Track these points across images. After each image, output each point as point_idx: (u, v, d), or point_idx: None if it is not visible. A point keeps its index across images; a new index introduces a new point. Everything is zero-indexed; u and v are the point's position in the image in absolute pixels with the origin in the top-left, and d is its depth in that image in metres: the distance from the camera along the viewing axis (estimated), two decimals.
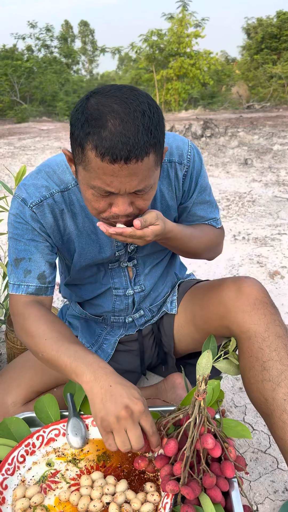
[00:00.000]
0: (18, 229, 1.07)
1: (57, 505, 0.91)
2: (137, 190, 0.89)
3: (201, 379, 0.87)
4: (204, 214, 1.24)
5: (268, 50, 19.67)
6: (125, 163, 0.83)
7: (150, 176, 0.88)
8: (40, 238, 1.08)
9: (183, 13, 17.85)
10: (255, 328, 1.03)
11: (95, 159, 0.84)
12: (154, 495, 0.91)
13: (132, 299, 1.29)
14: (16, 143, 8.62)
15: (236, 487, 0.91)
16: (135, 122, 0.82)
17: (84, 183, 0.91)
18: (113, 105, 0.82)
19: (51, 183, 1.07)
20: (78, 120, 0.85)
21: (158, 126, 0.86)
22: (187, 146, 1.13)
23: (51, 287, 1.13)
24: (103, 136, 0.81)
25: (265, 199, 4.17)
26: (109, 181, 0.86)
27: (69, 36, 27.53)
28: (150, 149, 0.84)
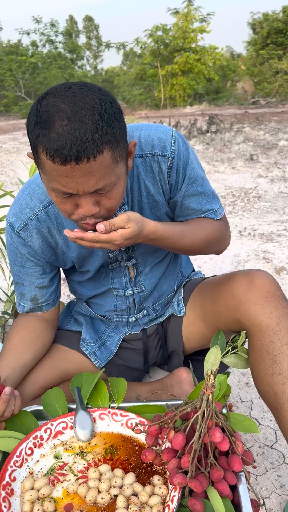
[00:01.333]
0: (10, 254, 1.17)
1: (65, 497, 0.92)
2: (97, 189, 0.86)
3: (210, 373, 0.87)
4: (199, 207, 1.16)
5: (274, 45, 19.51)
6: (76, 163, 0.80)
7: (109, 174, 0.85)
8: (30, 264, 1.16)
9: (189, 8, 17.74)
10: (266, 321, 1.02)
11: (47, 161, 0.82)
12: (161, 488, 0.91)
13: (133, 299, 1.29)
14: (21, 139, 8.63)
15: (243, 481, 0.91)
16: (83, 120, 0.79)
17: (46, 185, 0.90)
18: (60, 105, 0.80)
19: (35, 201, 1.09)
20: (31, 123, 0.84)
21: (112, 122, 0.82)
22: (170, 137, 1.07)
23: (46, 305, 1.24)
24: (51, 137, 0.79)
25: (271, 195, 4.16)
26: (65, 183, 0.83)
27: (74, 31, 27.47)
28: (102, 146, 0.81)
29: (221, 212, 1.22)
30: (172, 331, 1.36)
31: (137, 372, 1.42)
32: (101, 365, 1.30)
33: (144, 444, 1.02)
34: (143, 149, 1.07)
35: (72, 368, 1.27)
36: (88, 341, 1.31)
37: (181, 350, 1.36)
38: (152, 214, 1.15)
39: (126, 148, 0.91)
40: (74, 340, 1.32)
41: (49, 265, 1.19)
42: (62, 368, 1.25)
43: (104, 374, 1.33)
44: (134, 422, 1.05)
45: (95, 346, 1.31)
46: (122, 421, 1.07)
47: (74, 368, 1.27)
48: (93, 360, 1.30)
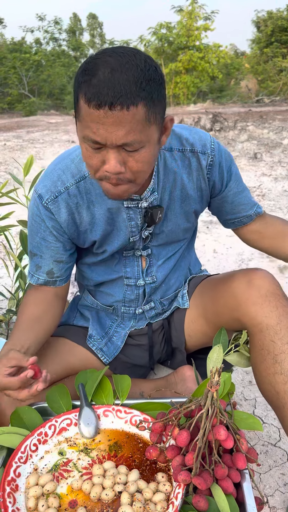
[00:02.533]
0: (33, 225, 1.15)
1: (69, 493, 0.92)
2: (125, 143, 0.87)
3: (214, 371, 0.87)
4: (247, 202, 1.25)
5: (278, 44, 19.41)
6: (110, 109, 0.82)
7: (139, 130, 0.86)
8: (52, 238, 1.15)
9: (193, 5, 17.69)
10: (267, 320, 1.03)
11: (84, 106, 0.86)
12: (165, 485, 0.91)
13: (143, 289, 1.29)
14: (24, 136, 8.63)
15: (247, 478, 0.91)
16: (126, 72, 0.82)
17: (79, 137, 0.93)
18: (107, 58, 0.84)
19: (67, 175, 1.09)
20: (77, 74, 0.89)
21: (152, 82, 0.85)
22: (209, 137, 1.15)
23: (59, 280, 1.22)
24: (92, 83, 0.83)
25: (275, 193, 4.15)
26: (96, 129, 0.86)
27: (78, 29, 27.40)
28: (138, 100, 0.83)
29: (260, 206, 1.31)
30: (175, 327, 1.37)
31: (142, 370, 1.42)
32: (108, 361, 1.31)
33: (148, 441, 1.03)
34: (183, 144, 1.11)
35: (78, 363, 1.28)
36: (95, 337, 1.32)
37: (183, 347, 1.37)
38: (181, 208, 1.18)
39: (162, 117, 0.93)
40: (81, 335, 1.33)
41: (70, 242, 1.19)
42: (67, 362, 1.26)
43: (109, 371, 1.34)
44: (138, 419, 1.05)
45: (101, 342, 1.32)
46: (126, 418, 1.07)
47: (79, 363, 1.28)
48: (100, 356, 1.30)
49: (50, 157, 6.13)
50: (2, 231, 1.58)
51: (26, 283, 1.75)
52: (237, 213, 1.25)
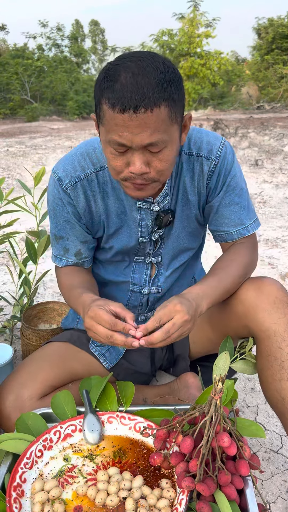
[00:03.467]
0: (55, 209, 1.17)
1: (74, 499, 0.93)
2: (150, 143, 0.90)
3: (218, 379, 0.88)
4: (232, 217, 1.17)
5: (279, 51, 19.54)
6: (134, 113, 0.86)
7: (163, 129, 0.90)
8: (74, 221, 1.17)
9: (194, 13, 17.85)
10: (274, 327, 1.04)
11: (108, 110, 0.89)
12: (169, 491, 0.92)
13: (147, 298, 1.30)
14: (27, 142, 8.67)
15: (250, 485, 0.92)
16: (147, 75, 0.86)
17: (103, 140, 0.96)
18: (128, 63, 0.88)
19: (88, 162, 1.12)
20: (98, 80, 0.92)
21: (172, 83, 0.88)
22: (219, 143, 1.13)
23: (87, 260, 1.26)
24: (115, 88, 0.87)
25: (276, 200, 4.17)
26: (121, 132, 0.89)
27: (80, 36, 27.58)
28: (160, 101, 0.86)
29: (253, 227, 1.21)
30: None
31: (144, 376, 1.43)
32: (110, 366, 1.32)
33: (152, 448, 1.04)
34: (190, 147, 1.12)
35: (81, 368, 1.29)
36: (97, 342, 1.33)
37: (187, 354, 1.38)
38: (182, 212, 1.18)
39: (182, 115, 0.96)
40: (84, 340, 1.34)
41: (86, 228, 1.21)
42: (71, 368, 1.27)
43: (112, 377, 1.35)
44: (142, 425, 1.07)
45: (104, 347, 1.33)
46: (130, 425, 1.08)
47: (82, 368, 1.29)
48: (102, 361, 1.32)
49: (52, 163, 6.17)
50: (7, 237, 1.60)
51: (31, 289, 1.77)
52: (219, 225, 1.19)
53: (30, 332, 1.61)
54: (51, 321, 1.80)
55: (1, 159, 6.65)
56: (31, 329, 1.61)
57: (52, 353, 1.28)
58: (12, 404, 1.16)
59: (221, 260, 1.19)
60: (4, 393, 1.17)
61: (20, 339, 1.71)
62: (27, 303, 1.79)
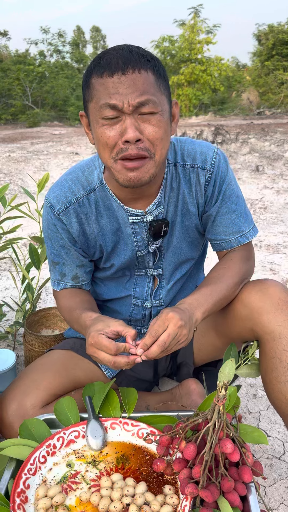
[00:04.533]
0: (50, 235, 1.19)
1: (78, 505, 0.94)
2: (140, 102, 0.92)
3: (221, 385, 0.89)
4: (230, 225, 1.17)
5: (279, 57, 19.62)
6: (123, 74, 0.90)
7: (152, 92, 0.93)
8: (69, 245, 1.18)
9: (195, 19, 17.95)
10: (279, 329, 1.04)
11: (97, 80, 0.93)
12: (173, 497, 0.93)
13: (150, 311, 1.31)
14: (29, 148, 8.70)
15: (253, 491, 0.93)
16: (131, 52, 0.93)
17: (94, 119, 0.98)
18: (117, 48, 0.95)
19: (78, 186, 1.14)
20: (88, 66, 0.97)
21: (157, 61, 0.96)
22: (212, 152, 1.14)
23: (85, 283, 1.27)
24: (102, 60, 0.93)
25: (277, 206, 4.18)
26: (112, 94, 0.91)
27: (81, 42, 27.75)
28: (146, 66, 0.92)
29: (252, 234, 1.21)
30: None
31: (146, 383, 1.43)
32: (111, 375, 1.32)
33: (155, 454, 1.04)
34: (184, 159, 1.13)
35: (84, 376, 1.29)
36: None
37: (191, 361, 1.38)
38: (182, 223, 1.19)
39: (169, 99, 1.01)
40: None
41: (82, 251, 1.22)
42: (74, 376, 1.27)
43: (114, 384, 1.35)
44: (145, 432, 1.07)
45: None
46: (133, 431, 1.08)
47: (85, 376, 1.29)
48: (104, 370, 1.32)
49: (54, 168, 6.19)
50: (11, 243, 1.61)
51: (34, 295, 1.77)
52: (217, 234, 1.19)
53: (33, 338, 1.61)
54: (54, 327, 1.80)
55: (3, 164, 6.67)
56: (33, 335, 1.61)
57: (55, 361, 1.28)
58: (15, 413, 1.16)
59: (215, 269, 1.19)
60: (6, 402, 1.18)
61: (23, 345, 1.71)
62: (29, 309, 1.80)
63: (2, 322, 2.05)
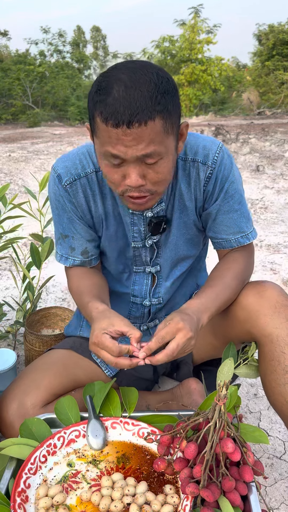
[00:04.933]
0: (58, 207, 1.16)
1: (78, 504, 0.94)
2: (145, 154, 0.88)
3: (222, 385, 0.89)
4: (232, 225, 1.15)
5: (280, 57, 19.60)
6: (128, 128, 0.85)
7: (158, 141, 0.88)
8: (77, 218, 1.16)
9: (195, 19, 17.94)
10: (277, 332, 1.04)
11: (101, 124, 0.88)
12: (173, 497, 0.93)
13: (149, 309, 1.30)
14: (29, 148, 8.70)
15: (254, 491, 0.93)
16: (139, 88, 0.84)
17: (98, 153, 0.95)
18: (120, 75, 0.87)
19: (89, 161, 1.12)
20: (91, 92, 0.91)
21: (167, 95, 0.87)
22: (216, 148, 1.09)
23: (94, 258, 1.24)
24: (107, 102, 0.85)
25: (277, 206, 4.18)
26: (115, 145, 0.88)
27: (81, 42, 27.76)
28: (155, 114, 0.85)
29: (253, 236, 1.20)
30: None
31: (147, 382, 1.43)
32: (111, 374, 1.32)
33: (156, 453, 1.04)
34: (186, 153, 1.10)
35: (84, 376, 1.29)
36: None
37: (190, 359, 1.38)
38: (180, 219, 1.16)
39: (178, 126, 0.95)
40: (87, 347, 1.34)
41: (89, 227, 1.20)
42: (74, 375, 1.27)
43: (115, 383, 1.35)
44: (145, 431, 1.07)
45: None
46: (134, 430, 1.08)
47: (85, 376, 1.29)
48: (104, 369, 1.32)
49: None
50: (11, 243, 1.61)
51: (34, 294, 1.77)
52: (217, 232, 1.17)
53: (33, 338, 1.61)
54: (54, 327, 1.80)
55: (3, 164, 6.67)
56: (34, 334, 1.61)
57: (55, 361, 1.28)
58: (15, 412, 1.15)
59: (218, 269, 1.18)
60: (7, 401, 1.17)
61: (23, 344, 1.71)
62: (30, 308, 1.80)
63: (2, 321, 2.04)
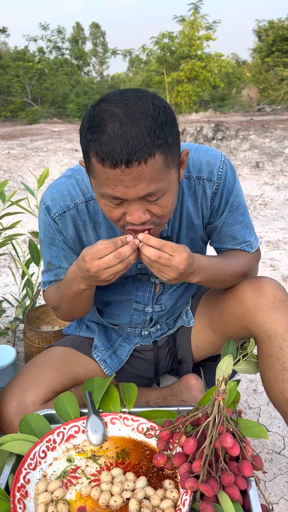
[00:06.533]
0: (47, 236, 1.14)
1: (78, 499, 0.94)
2: (148, 194, 0.84)
3: (221, 380, 0.89)
4: (237, 236, 1.16)
5: (279, 53, 19.57)
6: (127, 167, 0.79)
7: (160, 178, 0.83)
8: (67, 248, 1.14)
9: (195, 15, 17.87)
10: (275, 328, 1.04)
11: (97, 165, 0.82)
12: (173, 492, 0.93)
13: (151, 316, 1.29)
14: (28, 145, 8.69)
15: (253, 486, 0.93)
16: (135, 123, 0.78)
17: (95, 192, 0.90)
18: (113, 109, 0.80)
19: (77, 191, 1.07)
20: (83, 128, 0.85)
21: (165, 126, 0.81)
22: (219, 162, 1.07)
23: None
24: (102, 141, 0.79)
25: (277, 202, 4.18)
26: (114, 186, 0.83)
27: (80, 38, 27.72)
28: (154, 150, 0.79)
29: (255, 244, 1.21)
30: (181, 341, 1.37)
31: (146, 380, 1.43)
32: (110, 373, 1.31)
33: (155, 449, 1.04)
34: (190, 171, 1.07)
35: (84, 373, 1.29)
36: (100, 348, 1.32)
37: (190, 357, 1.38)
38: (187, 236, 1.15)
39: (178, 156, 0.90)
40: (87, 345, 1.34)
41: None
42: (74, 373, 1.27)
43: (115, 380, 1.35)
44: (145, 426, 1.07)
45: (106, 354, 1.33)
46: (133, 426, 1.08)
47: (85, 373, 1.29)
48: (103, 368, 1.31)
49: (54, 165, 6.18)
50: (10, 239, 1.60)
51: (33, 291, 1.77)
52: (222, 243, 1.18)
53: (33, 334, 1.61)
54: (54, 323, 1.80)
55: (2, 161, 6.66)
56: (33, 331, 1.61)
57: (55, 358, 1.28)
58: (15, 410, 1.15)
59: (229, 252, 1.19)
60: (6, 399, 1.17)
61: (23, 341, 1.71)
62: (29, 305, 1.80)
63: (2, 318, 2.05)
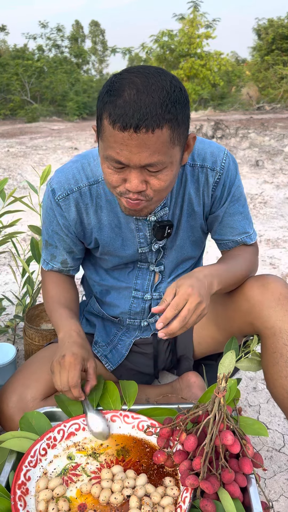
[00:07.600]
0: (47, 217, 1.20)
1: (78, 497, 0.94)
2: (149, 164, 0.88)
3: (222, 377, 0.89)
4: (237, 226, 1.20)
5: (279, 51, 19.52)
6: (135, 132, 0.83)
7: (163, 151, 0.87)
8: (63, 233, 1.20)
9: (194, 13, 17.83)
10: (280, 324, 1.04)
11: (108, 126, 0.86)
12: (173, 489, 0.93)
13: (150, 304, 1.31)
14: (27, 143, 8.68)
15: (254, 483, 0.93)
16: (151, 94, 0.83)
17: (101, 155, 0.94)
18: (133, 78, 0.85)
19: (82, 176, 1.13)
20: (102, 92, 0.89)
21: (177, 104, 0.86)
22: (222, 154, 1.13)
23: (72, 269, 1.30)
24: (117, 104, 0.84)
25: (276, 200, 4.18)
26: (119, 150, 0.86)
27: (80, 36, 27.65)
28: (163, 122, 0.84)
29: (254, 237, 1.24)
30: (181, 336, 1.38)
31: (146, 377, 1.44)
32: (112, 368, 1.32)
33: (155, 446, 1.04)
34: (194, 159, 1.11)
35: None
36: (100, 344, 1.33)
37: (191, 354, 1.38)
38: (187, 222, 1.19)
39: (185, 137, 0.94)
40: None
41: (77, 239, 1.23)
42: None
43: (115, 377, 1.35)
44: (145, 424, 1.07)
45: (106, 349, 1.33)
46: (134, 423, 1.09)
47: None
48: (104, 363, 1.32)
49: (53, 163, 6.17)
50: (10, 237, 1.60)
51: (34, 288, 1.77)
52: (223, 234, 1.22)
53: (33, 332, 1.61)
54: None
55: (2, 159, 6.66)
56: (33, 328, 1.61)
57: (55, 354, 1.28)
58: (15, 405, 1.16)
59: (228, 253, 1.22)
60: (7, 394, 1.18)
61: (23, 338, 1.72)
62: (29, 303, 1.80)
63: (2, 316, 2.05)
